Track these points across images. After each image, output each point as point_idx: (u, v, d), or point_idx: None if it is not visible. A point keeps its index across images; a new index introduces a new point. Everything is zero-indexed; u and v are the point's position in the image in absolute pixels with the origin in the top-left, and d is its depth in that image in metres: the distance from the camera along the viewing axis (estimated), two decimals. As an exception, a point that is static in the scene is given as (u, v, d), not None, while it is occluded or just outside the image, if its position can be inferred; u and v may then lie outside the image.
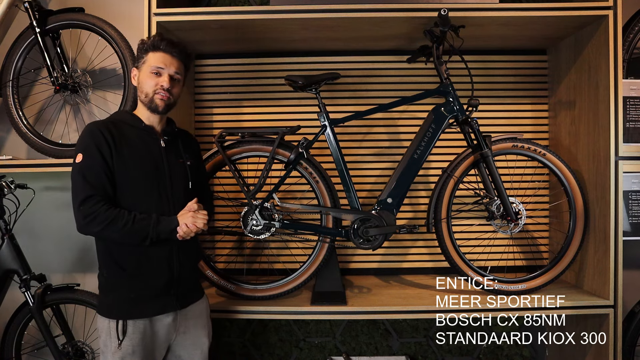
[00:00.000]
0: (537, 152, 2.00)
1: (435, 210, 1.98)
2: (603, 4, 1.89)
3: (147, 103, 1.55)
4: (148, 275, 1.50)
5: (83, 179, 1.40)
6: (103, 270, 1.52)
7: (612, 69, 1.89)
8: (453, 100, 1.95)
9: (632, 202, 2.15)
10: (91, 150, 1.42)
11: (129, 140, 1.49)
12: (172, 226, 1.48)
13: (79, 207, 1.40)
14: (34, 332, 2.13)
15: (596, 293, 2.00)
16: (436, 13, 1.81)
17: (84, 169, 1.41)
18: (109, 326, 1.47)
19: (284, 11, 1.90)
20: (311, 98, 2.18)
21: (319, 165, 2.01)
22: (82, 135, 1.48)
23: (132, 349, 1.46)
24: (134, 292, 1.48)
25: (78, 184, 1.41)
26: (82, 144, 1.45)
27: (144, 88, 1.54)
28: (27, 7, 2.08)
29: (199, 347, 1.64)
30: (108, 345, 1.47)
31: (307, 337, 2.47)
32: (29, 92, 2.35)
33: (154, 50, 1.54)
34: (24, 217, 2.08)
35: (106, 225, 1.39)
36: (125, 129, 1.52)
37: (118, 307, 1.48)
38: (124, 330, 1.46)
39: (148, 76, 1.54)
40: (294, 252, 2.36)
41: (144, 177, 1.50)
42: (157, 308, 1.52)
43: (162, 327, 1.54)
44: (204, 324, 1.66)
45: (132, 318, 1.47)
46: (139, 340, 1.47)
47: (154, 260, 1.50)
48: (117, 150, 1.45)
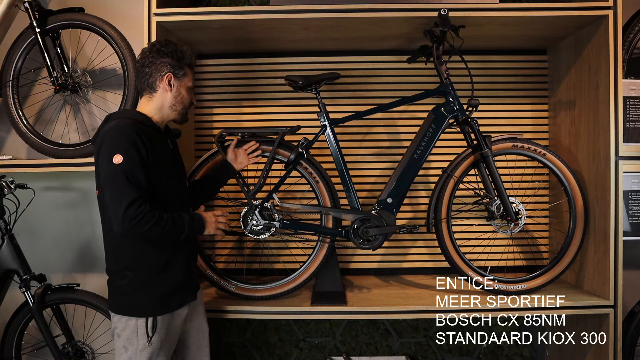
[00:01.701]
0: (537, 152, 2.00)
1: (435, 210, 1.98)
2: (603, 4, 1.89)
3: (179, 112, 1.62)
4: (173, 272, 1.56)
5: (127, 181, 1.40)
6: (126, 272, 1.51)
7: (612, 69, 1.89)
8: (453, 100, 1.95)
9: (632, 202, 2.15)
10: (131, 151, 1.42)
11: (153, 142, 1.51)
12: (202, 224, 1.61)
13: (125, 209, 1.39)
14: (34, 332, 2.13)
15: (596, 293, 2.00)
16: (436, 13, 1.81)
17: (127, 171, 1.40)
18: (136, 324, 1.49)
19: (284, 11, 1.90)
20: (311, 98, 2.18)
21: (319, 165, 2.01)
22: (113, 135, 1.45)
23: (160, 344, 1.51)
24: (162, 289, 1.53)
25: (121, 185, 1.40)
26: (119, 144, 1.42)
27: (183, 100, 1.62)
28: (27, 7, 2.07)
29: (202, 333, 1.73)
30: (134, 343, 1.49)
31: (307, 337, 2.47)
32: (29, 92, 2.35)
33: (190, 67, 1.64)
34: (24, 217, 2.08)
35: (151, 226, 1.42)
36: (147, 130, 1.53)
37: (149, 305, 1.51)
38: (153, 327, 1.50)
39: (187, 91, 1.63)
40: (294, 252, 2.36)
41: (169, 176, 1.57)
42: (180, 301, 1.59)
43: (179, 319, 1.61)
44: (203, 311, 1.77)
45: (161, 314, 1.52)
46: (165, 335, 1.54)
47: (179, 257, 1.57)
48: (151, 150, 1.47)
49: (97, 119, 2.40)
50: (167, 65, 1.56)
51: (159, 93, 1.58)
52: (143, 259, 1.51)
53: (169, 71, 1.57)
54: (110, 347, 2.23)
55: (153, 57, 1.56)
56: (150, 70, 1.56)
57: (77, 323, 2.30)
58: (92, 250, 2.43)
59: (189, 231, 1.54)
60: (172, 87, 1.58)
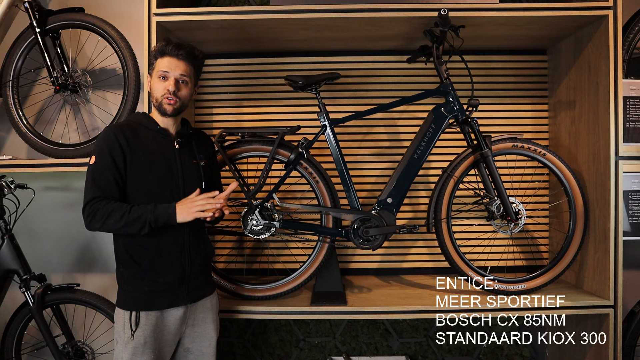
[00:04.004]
0: (537, 152, 2.00)
1: (435, 210, 1.98)
2: (603, 4, 1.89)
3: (157, 107, 1.60)
4: (161, 270, 1.56)
5: (92, 181, 1.49)
6: (119, 265, 1.59)
7: (612, 69, 1.89)
8: (453, 100, 1.95)
9: (632, 202, 2.15)
10: (103, 154, 1.50)
11: (144, 143, 1.56)
12: (170, 210, 1.49)
13: (84, 207, 1.48)
14: (34, 332, 2.14)
15: (596, 293, 2.00)
16: (436, 13, 1.81)
17: (94, 172, 1.50)
18: (123, 317, 1.55)
19: (284, 11, 1.90)
20: (311, 98, 2.18)
21: (319, 165, 2.01)
22: (98, 138, 1.55)
23: (143, 340, 1.53)
24: (147, 285, 1.55)
25: (87, 185, 1.50)
26: (97, 147, 1.52)
27: (154, 93, 1.60)
28: (27, 7, 2.08)
29: (207, 340, 1.70)
30: (122, 335, 1.55)
31: (307, 337, 2.47)
32: (29, 92, 2.35)
33: (161, 55, 1.59)
34: (24, 217, 2.08)
35: (105, 219, 1.46)
36: (141, 132, 1.58)
37: (132, 300, 1.55)
38: (136, 321, 1.53)
39: (156, 81, 1.59)
40: (294, 252, 2.36)
41: (157, 178, 1.56)
42: (169, 301, 1.58)
43: (173, 320, 1.59)
44: (213, 318, 1.71)
45: (144, 310, 1.54)
46: (151, 332, 1.54)
47: (167, 257, 1.57)
48: (132, 153, 1.52)
49: (97, 119, 2.40)
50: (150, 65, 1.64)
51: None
52: (130, 254, 1.55)
53: (148, 73, 1.66)
54: (110, 347, 2.23)
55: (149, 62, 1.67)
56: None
57: (77, 323, 2.30)
58: (92, 250, 2.43)
59: (150, 219, 1.46)
60: (149, 83, 1.65)
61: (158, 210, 1.49)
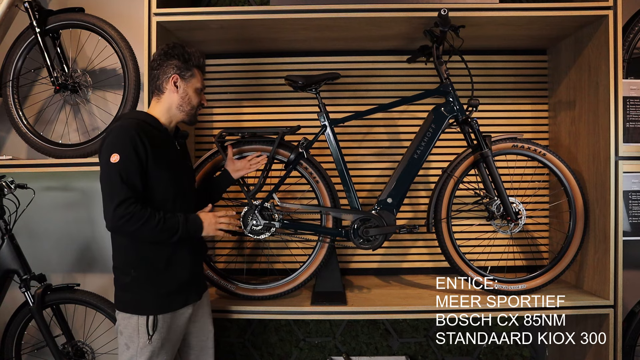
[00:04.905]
0: (537, 152, 2.00)
1: (435, 210, 1.98)
2: (603, 4, 1.89)
3: (187, 113, 1.63)
4: (176, 271, 1.57)
5: (121, 180, 1.42)
6: (129, 270, 1.53)
7: (612, 69, 1.89)
8: (453, 100, 1.95)
9: (632, 202, 2.15)
10: (128, 151, 1.44)
11: (156, 142, 1.53)
12: (198, 224, 1.58)
13: (115, 208, 1.42)
14: (34, 332, 2.13)
15: (596, 293, 2.00)
16: (436, 13, 1.81)
17: (121, 171, 1.43)
18: (137, 322, 1.51)
19: (284, 11, 1.90)
20: (311, 98, 2.18)
21: (319, 165, 2.01)
22: (116, 134, 1.47)
23: (161, 343, 1.52)
24: (164, 287, 1.55)
25: (115, 184, 1.43)
26: (119, 144, 1.45)
27: (191, 101, 1.63)
28: (27, 7, 2.08)
29: (207, 334, 1.73)
30: (135, 341, 1.51)
31: (307, 337, 2.47)
32: (29, 92, 2.35)
33: (200, 70, 1.65)
34: (24, 217, 2.08)
35: (141, 225, 1.44)
36: (151, 131, 1.54)
37: (150, 303, 1.53)
38: (154, 325, 1.51)
39: (195, 92, 1.63)
40: (294, 252, 2.36)
41: (172, 178, 1.56)
42: (182, 301, 1.59)
43: (182, 319, 1.61)
44: (209, 312, 1.76)
45: (162, 312, 1.53)
46: (166, 334, 1.54)
47: (180, 257, 1.58)
48: (152, 151, 1.49)
49: (97, 119, 2.40)
50: (174, 67, 1.59)
51: (166, 95, 1.61)
52: (145, 257, 1.53)
53: (175, 72, 1.59)
54: (110, 347, 2.24)
55: (161, 60, 1.59)
56: (158, 73, 1.60)
57: (77, 323, 2.30)
58: (92, 250, 2.43)
59: (182, 231, 1.52)
60: (178, 88, 1.60)
61: (189, 224, 1.54)
